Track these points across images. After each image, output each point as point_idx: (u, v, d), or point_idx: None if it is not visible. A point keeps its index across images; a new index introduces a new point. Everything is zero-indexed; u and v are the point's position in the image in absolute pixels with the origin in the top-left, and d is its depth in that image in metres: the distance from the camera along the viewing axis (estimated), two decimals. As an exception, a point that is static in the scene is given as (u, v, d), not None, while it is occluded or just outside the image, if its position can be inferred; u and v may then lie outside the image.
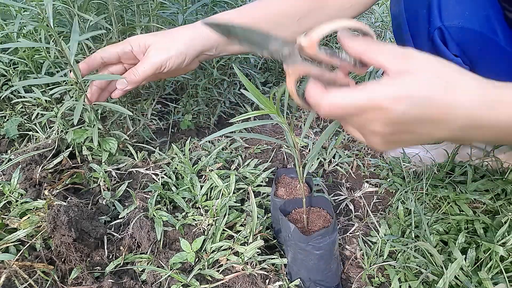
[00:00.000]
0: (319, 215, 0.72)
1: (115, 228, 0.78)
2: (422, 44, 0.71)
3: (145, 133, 1.07)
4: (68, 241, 0.67)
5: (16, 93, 1.05)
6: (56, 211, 0.67)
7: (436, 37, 0.66)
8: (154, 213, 0.78)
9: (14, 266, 0.63)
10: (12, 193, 0.79)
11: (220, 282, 0.68)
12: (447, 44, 0.66)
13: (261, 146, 1.13)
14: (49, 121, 1.04)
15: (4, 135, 1.02)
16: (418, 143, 0.45)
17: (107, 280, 0.66)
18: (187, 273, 0.70)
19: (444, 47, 0.67)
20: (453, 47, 0.66)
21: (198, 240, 0.74)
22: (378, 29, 1.80)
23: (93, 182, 0.90)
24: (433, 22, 0.66)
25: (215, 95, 1.24)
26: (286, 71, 0.43)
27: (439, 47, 0.67)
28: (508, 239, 0.69)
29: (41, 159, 0.91)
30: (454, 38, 0.65)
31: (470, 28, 0.63)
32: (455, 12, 0.64)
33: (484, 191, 0.87)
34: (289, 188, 0.80)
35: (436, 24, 0.65)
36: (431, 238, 0.76)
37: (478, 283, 0.65)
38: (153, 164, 0.95)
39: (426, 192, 0.89)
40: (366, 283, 0.74)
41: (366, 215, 0.91)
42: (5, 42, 0.92)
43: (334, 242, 0.67)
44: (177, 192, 0.86)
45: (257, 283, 0.68)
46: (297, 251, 0.67)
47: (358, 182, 1.04)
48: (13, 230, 0.71)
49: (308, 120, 0.63)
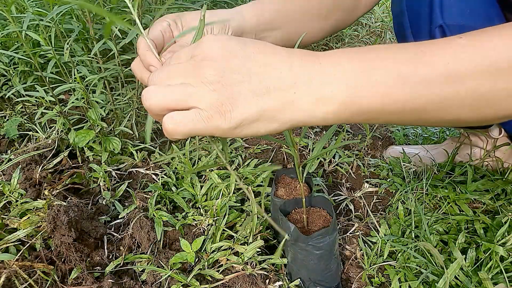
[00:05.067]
0: (319, 215, 0.72)
1: (115, 228, 0.78)
2: None
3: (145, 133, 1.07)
4: (68, 241, 0.67)
5: (16, 93, 1.05)
6: (56, 211, 0.67)
7: (438, 35, 0.66)
8: (154, 213, 0.78)
9: (14, 266, 0.63)
10: (12, 193, 0.79)
11: (220, 282, 0.68)
12: None
13: (261, 146, 1.13)
14: (49, 121, 1.04)
15: (4, 135, 1.02)
16: (253, 96, 0.38)
17: (107, 280, 0.66)
18: (187, 273, 0.70)
19: None
20: None
21: (198, 240, 0.74)
22: (378, 29, 1.81)
23: (93, 182, 0.90)
24: (434, 20, 0.66)
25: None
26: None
27: None
28: (508, 239, 0.69)
29: (41, 159, 0.91)
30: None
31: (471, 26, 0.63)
32: (456, 10, 0.64)
33: (484, 191, 0.87)
34: (289, 188, 0.80)
35: (437, 22, 0.65)
36: (431, 238, 0.76)
37: (478, 283, 0.65)
38: (153, 164, 0.96)
39: (426, 192, 0.89)
40: (366, 283, 0.74)
41: (366, 215, 0.91)
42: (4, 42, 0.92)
43: (334, 242, 0.67)
44: (177, 192, 0.86)
45: (257, 283, 0.68)
46: (297, 251, 0.67)
47: (358, 182, 1.04)
48: (13, 230, 0.71)
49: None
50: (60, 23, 0.80)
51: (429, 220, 0.81)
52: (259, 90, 0.38)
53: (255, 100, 0.38)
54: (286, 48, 0.40)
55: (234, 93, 0.37)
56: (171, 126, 0.38)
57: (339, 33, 1.66)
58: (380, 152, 1.16)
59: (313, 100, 0.38)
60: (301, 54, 0.40)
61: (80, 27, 0.82)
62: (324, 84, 0.38)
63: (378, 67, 0.38)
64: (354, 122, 0.77)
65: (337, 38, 1.71)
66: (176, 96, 0.37)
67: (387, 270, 0.75)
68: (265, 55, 0.39)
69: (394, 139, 1.24)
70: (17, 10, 0.82)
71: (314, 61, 0.39)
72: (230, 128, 0.38)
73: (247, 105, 0.37)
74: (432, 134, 1.25)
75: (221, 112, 0.37)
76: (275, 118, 0.39)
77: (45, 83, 0.86)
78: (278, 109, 0.38)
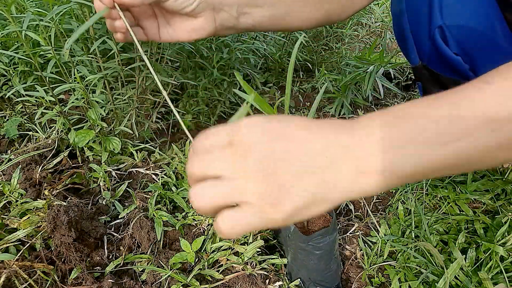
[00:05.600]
0: (319, 215, 0.72)
1: (115, 228, 0.78)
2: (423, 43, 0.71)
3: (145, 133, 1.07)
4: (68, 241, 0.67)
5: (16, 93, 1.05)
6: (56, 211, 0.67)
7: (437, 36, 0.66)
8: (154, 213, 0.78)
9: (14, 266, 0.63)
10: (12, 193, 0.79)
11: (220, 282, 0.68)
12: (447, 42, 0.66)
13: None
14: (49, 121, 1.04)
15: (4, 135, 1.02)
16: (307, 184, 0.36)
17: (107, 280, 0.66)
18: (187, 273, 0.70)
19: (444, 46, 0.67)
20: (454, 46, 0.66)
21: (198, 240, 0.74)
22: (378, 29, 1.80)
23: (93, 182, 0.90)
24: (434, 21, 0.66)
25: (215, 95, 1.24)
26: None
27: (439, 45, 0.67)
28: (508, 239, 0.69)
29: (41, 159, 0.91)
30: (454, 36, 0.65)
31: (470, 26, 0.63)
32: (456, 11, 0.64)
33: (484, 191, 0.87)
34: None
35: (437, 23, 0.65)
36: (431, 238, 0.76)
37: (478, 283, 0.65)
38: (153, 164, 0.96)
39: (426, 192, 0.89)
40: (366, 283, 0.74)
41: (366, 215, 0.91)
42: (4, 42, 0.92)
43: (334, 242, 0.67)
44: (177, 192, 0.86)
45: (257, 283, 0.68)
46: (297, 251, 0.67)
47: (358, 182, 1.04)
48: (13, 230, 0.71)
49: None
50: (60, 23, 0.80)
51: (429, 220, 0.81)
52: (305, 174, 0.36)
53: (303, 185, 0.36)
54: (318, 122, 0.39)
55: (281, 180, 0.36)
56: (226, 229, 0.37)
57: (339, 33, 1.65)
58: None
59: (356, 176, 0.37)
60: (334, 129, 0.38)
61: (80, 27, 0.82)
62: (364, 159, 0.37)
63: (415, 132, 0.36)
64: (402, 185, 0.76)
65: (337, 38, 1.71)
66: (224, 194, 0.36)
67: (387, 270, 0.75)
68: (305, 132, 0.38)
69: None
70: (17, 10, 0.82)
71: (348, 133, 0.38)
72: (284, 220, 0.36)
73: (296, 192, 0.36)
74: (432, 134, 1.25)
75: (273, 204, 0.36)
76: (325, 199, 0.37)
77: (45, 83, 0.86)
78: (327, 190, 0.37)
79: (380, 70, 1.39)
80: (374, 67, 1.37)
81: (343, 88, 1.45)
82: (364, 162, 0.36)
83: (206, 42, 1.11)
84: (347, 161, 0.37)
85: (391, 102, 1.62)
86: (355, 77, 1.43)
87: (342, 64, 1.68)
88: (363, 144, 0.37)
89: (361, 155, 0.37)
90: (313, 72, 1.68)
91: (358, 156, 0.37)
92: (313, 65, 1.68)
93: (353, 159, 0.37)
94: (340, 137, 0.37)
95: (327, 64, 1.70)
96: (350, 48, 1.83)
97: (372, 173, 0.37)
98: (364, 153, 0.37)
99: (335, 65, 1.71)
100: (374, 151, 0.36)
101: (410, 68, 1.75)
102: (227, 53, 1.13)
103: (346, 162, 0.37)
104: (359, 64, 1.44)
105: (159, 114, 1.27)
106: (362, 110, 1.52)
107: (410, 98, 1.67)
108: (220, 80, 1.25)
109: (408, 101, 0.39)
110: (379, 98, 1.57)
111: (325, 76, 1.56)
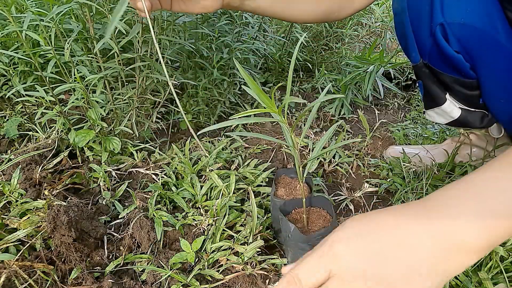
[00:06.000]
0: (319, 215, 0.72)
1: (115, 228, 0.78)
2: (424, 41, 0.71)
3: (145, 133, 1.07)
4: (68, 241, 0.67)
5: (16, 93, 1.05)
6: (56, 211, 0.67)
7: (438, 33, 0.66)
8: (154, 213, 0.78)
9: (14, 266, 0.63)
10: (12, 193, 0.79)
11: (220, 282, 0.68)
12: (448, 40, 0.66)
13: (261, 146, 1.13)
14: (49, 121, 1.04)
15: (4, 135, 1.02)
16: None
17: (107, 280, 0.66)
18: (187, 273, 0.70)
19: (445, 43, 0.67)
20: (455, 44, 0.66)
21: (198, 240, 0.74)
22: (378, 29, 1.80)
23: (93, 182, 0.90)
24: (435, 18, 0.66)
25: (215, 95, 1.24)
26: None
27: (440, 43, 0.67)
28: (508, 239, 0.69)
29: (41, 159, 0.91)
30: (455, 34, 0.65)
31: (471, 24, 0.63)
32: (457, 9, 0.64)
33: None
34: (289, 188, 0.80)
35: (438, 20, 0.65)
36: (431, 238, 0.76)
37: (478, 283, 0.65)
38: (153, 164, 0.96)
39: (426, 192, 0.89)
40: (366, 283, 0.74)
41: (366, 215, 0.91)
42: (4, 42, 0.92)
43: (334, 242, 0.67)
44: (177, 192, 0.86)
45: (257, 283, 0.68)
46: (297, 251, 0.67)
47: (358, 182, 1.04)
48: (13, 230, 0.71)
49: (308, 120, 0.63)
50: (60, 23, 0.80)
51: (429, 220, 0.81)
52: (408, 275, 0.39)
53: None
54: (394, 214, 0.42)
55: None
56: None
57: (339, 33, 1.66)
58: (380, 152, 1.16)
59: (453, 259, 0.39)
60: (415, 218, 0.40)
61: (80, 27, 0.82)
62: (454, 242, 0.39)
63: (494, 200, 0.38)
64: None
65: (337, 38, 1.71)
66: None
67: (387, 270, 0.74)
68: (394, 235, 0.40)
69: (394, 139, 1.24)
70: (17, 10, 0.82)
71: (431, 217, 0.40)
72: None
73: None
74: (432, 134, 1.25)
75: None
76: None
77: (45, 83, 0.86)
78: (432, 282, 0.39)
79: (380, 70, 1.39)
80: (374, 67, 1.37)
81: (343, 88, 1.45)
82: (459, 245, 0.39)
83: (206, 42, 1.11)
84: (443, 251, 0.39)
85: (391, 102, 1.62)
86: (355, 77, 1.43)
87: (342, 64, 1.68)
88: (451, 230, 0.39)
89: (453, 240, 0.39)
90: (313, 72, 1.68)
91: (453, 241, 0.39)
92: (313, 65, 1.68)
93: (449, 245, 0.39)
94: (427, 226, 0.40)
95: (327, 64, 1.70)
96: (350, 48, 1.83)
97: (471, 250, 0.39)
98: (455, 240, 0.39)
99: (335, 65, 1.71)
100: (464, 233, 0.38)
101: (410, 68, 1.75)
102: (227, 53, 1.13)
103: (442, 251, 0.39)
104: (359, 64, 1.44)
105: (159, 114, 1.27)
106: (362, 110, 1.52)
107: (410, 98, 1.67)
108: (220, 80, 1.25)
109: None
110: (379, 98, 1.57)
111: (325, 76, 1.56)
